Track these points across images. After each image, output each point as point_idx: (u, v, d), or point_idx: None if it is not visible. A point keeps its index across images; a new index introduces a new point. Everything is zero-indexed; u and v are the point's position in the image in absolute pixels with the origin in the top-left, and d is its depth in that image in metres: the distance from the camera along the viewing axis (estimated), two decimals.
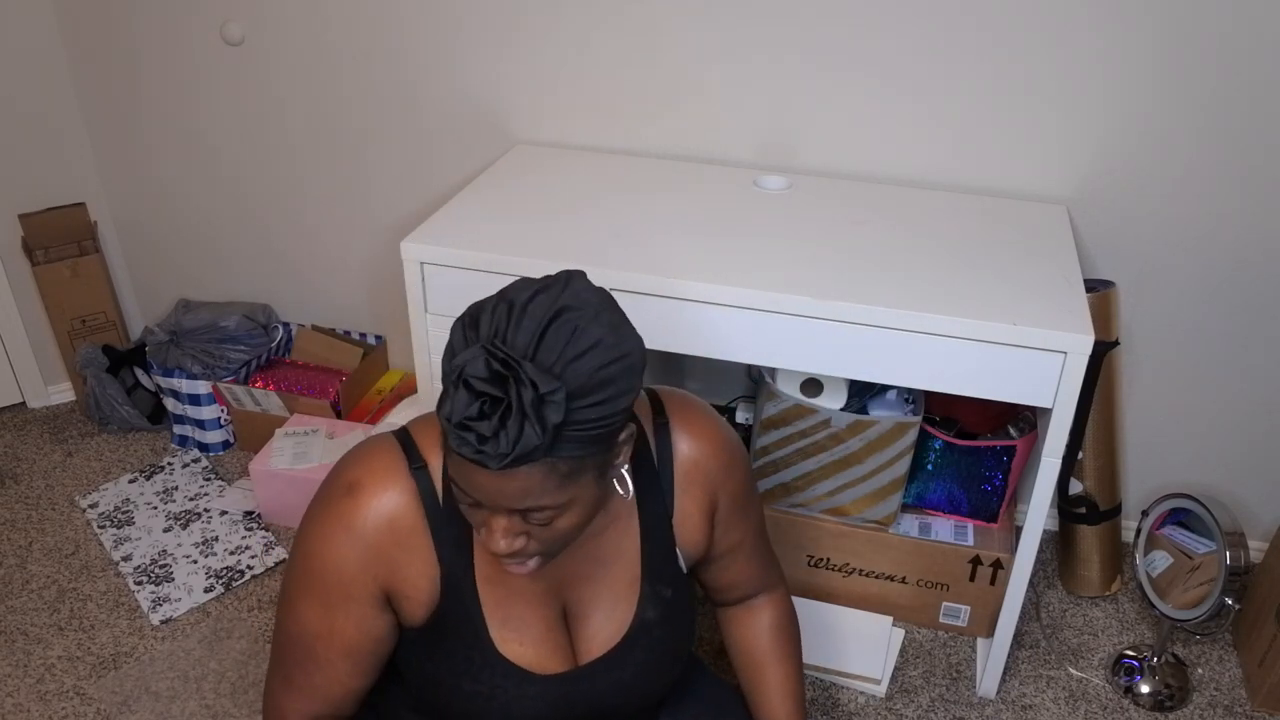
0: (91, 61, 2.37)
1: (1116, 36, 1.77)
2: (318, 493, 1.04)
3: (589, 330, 0.85)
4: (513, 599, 1.05)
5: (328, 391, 2.39)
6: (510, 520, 0.91)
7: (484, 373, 0.82)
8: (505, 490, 0.86)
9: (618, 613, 1.09)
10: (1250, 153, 1.80)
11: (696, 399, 1.16)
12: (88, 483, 2.37)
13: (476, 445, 0.82)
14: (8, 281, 2.48)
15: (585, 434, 0.85)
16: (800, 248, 1.70)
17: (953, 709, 1.83)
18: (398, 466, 1.01)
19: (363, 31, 2.15)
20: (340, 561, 1.00)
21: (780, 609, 1.30)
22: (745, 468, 1.17)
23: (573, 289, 0.87)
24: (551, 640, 1.07)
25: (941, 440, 1.88)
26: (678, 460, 1.10)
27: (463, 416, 0.82)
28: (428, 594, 1.03)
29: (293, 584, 1.04)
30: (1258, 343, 1.96)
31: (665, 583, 1.11)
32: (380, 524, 0.99)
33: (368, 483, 1.00)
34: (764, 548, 1.25)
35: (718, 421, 1.15)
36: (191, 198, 2.51)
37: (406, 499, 1.00)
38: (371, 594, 1.02)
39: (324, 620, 1.02)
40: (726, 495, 1.14)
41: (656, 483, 1.10)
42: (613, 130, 2.12)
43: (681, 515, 1.11)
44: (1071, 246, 1.74)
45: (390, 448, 1.02)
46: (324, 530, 1.00)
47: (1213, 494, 2.12)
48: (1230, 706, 1.85)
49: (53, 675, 1.87)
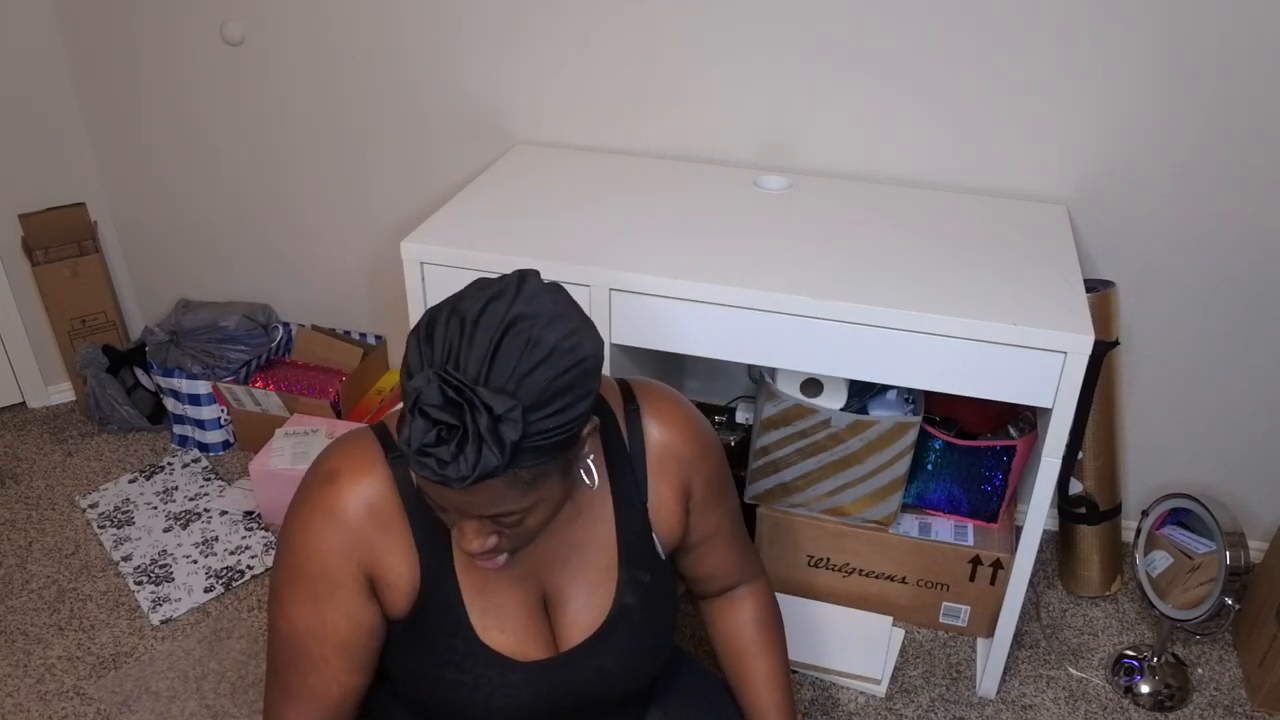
0: (91, 61, 2.37)
1: (1116, 36, 1.77)
2: (299, 487, 1.06)
3: (543, 339, 0.85)
4: (492, 587, 1.06)
5: (328, 391, 2.39)
6: (480, 523, 0.93)
7: (438, 400, 0.83)
8: (472, 502, 0.88)
9: (596, 599, 1.10)
10: (1250, 152, 1.80)
11: (667, 387, 1.17)
12: (88, 483, 2.37)
13: (437, 469, 0.83)
14: (8, 281, 2.48)
15: (545, 443, 0.86)
16: (800, 248, 1.70)
17: (953, 709, 1.83)
18: (375, 455, 1.03)
19: (363, 31, 2.15)
20: (324, 549, 1.01)
21: (762, 600, 1.31)
22: (718, 453, 1.18)
23: (525, 294, 0.87)
24: (533, 627, 1.08)
25: (941, 440, 1.88)
26: (649, 446, 1.12)
27: (420, 444, 0.83)
28: (408, 581, 1.04)
29: (280, 584, 1.05)
30: (1258, 342, 1.96)
31: (643, 568, 1.12)
32: (359, 510, 1.01)
33: (346, 470, 1.02)
34: (741, 536, 1.26)
35: (688, 408, 1.16)
36: (191, 198, 2.51)
37: (385, 485, 1.02)
38: (357, 580, 1.03)
39: (314, 615, 1.03)
40: (700, 479, 1.16)
41: (629, 469, 1.11)
42: (613, 130, 2.12)
43: (657, 501, 1.13)
44: (1071, 246, 1.74)
45: (367, 438, 1.04)
46: (305, 521, 1.02)
47: (1213, 494, 2.12)
48: (1230, 706, 1.85)
49: (53, 675, 1.87)
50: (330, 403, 2.33)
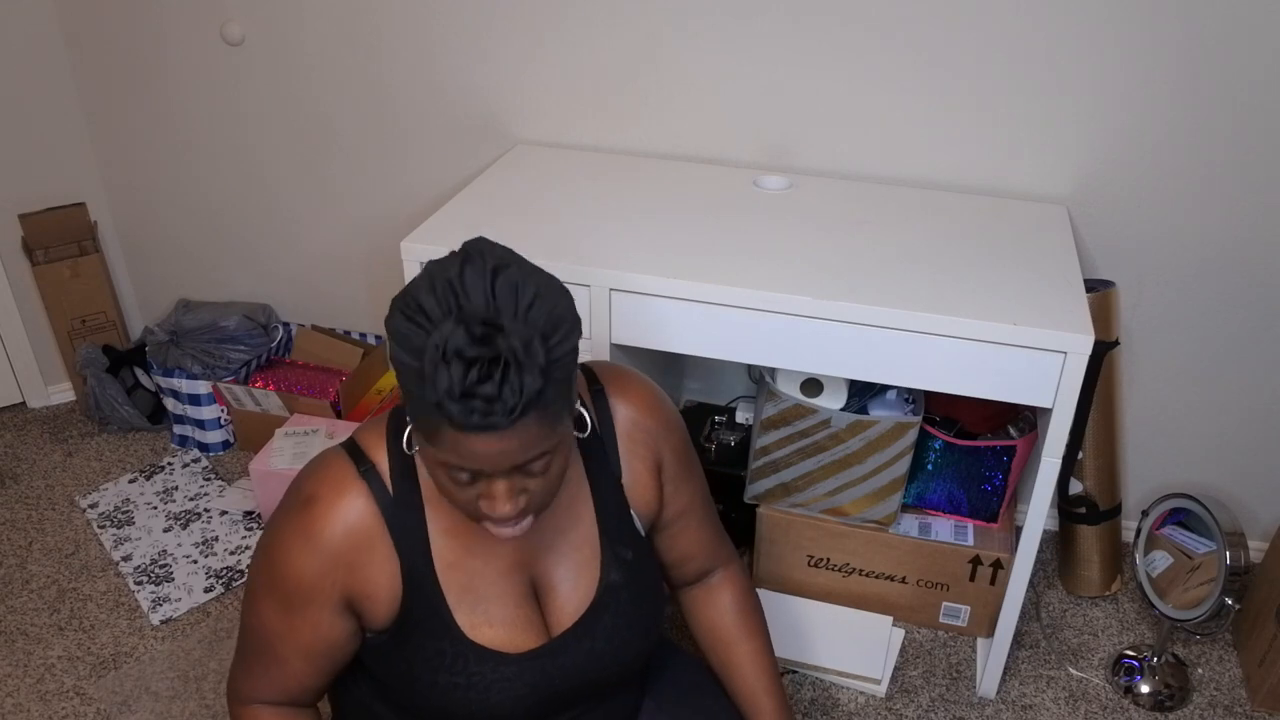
0: (92, 62, 2.37)
1: (1116, 37, 1.77)
2: (276, 509, 1.07)
3: (527, 280, 0.89)
4: (476, 580, 1.07)
5: (328, 391, 2.39)
6: (510, 481, 0.93)
7: (467, 339, 0.84)
8: (508, 449, 0.88)
9: (583, 579, 1.11)
10: (1250, 152, 1.80)
11: (628, 368, 1.20)
12: (88, 483, 2.37)
13: (484, 410, 0.84)
14: (8, 281, 2.48)
15: (563, 372, 0.89)
16: (800, 248, 1.70)
17: (953, 709, 1.83)
18: (348, 472, 1.04)
19: (364, 31, 2.15)
20: (301, 569, 1.03)
21: (739, 585, 1.32)
22: (682, 428, 1.21)
23: (492, 253, 0.90)
24: (521, 617, 1.08)
25: (941, 440, 1.88)
26: (618, 423, 1.14)
27: (463, 387, 0.84)
28: (390, 590, 1.05)
29: (255, 583, 1.07)
30: (1258, 342, 1.96)
31: (624, 544, 1.14)
32: (338, 532, 1.02)
33: (323, 494, 1.03)
34: (713, 516, 1.29)
35: (651, 385, 1.20)
36: (191, 198, 2.51)
37: (361, 501, 1.03)
38: (332, 600, 1.04)
39: (283, 620, 1.05)
40: (670, 451, 1.18)
41: (601, 448, 1.13)
42: (613, 130, 2.12)
43: (631, 477, 1.15)
44: (1071, 246, 1.74)
45: (339, 457, 1.06)
46: (284, 542, 1.03)
47: (1213, 494, 2.12)
48: (1230, 706, 1.85)
49: (53, 675, 1.87)
50: (330, 403, 2.33)
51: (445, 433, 0.87)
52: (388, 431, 1.06)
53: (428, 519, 1.05)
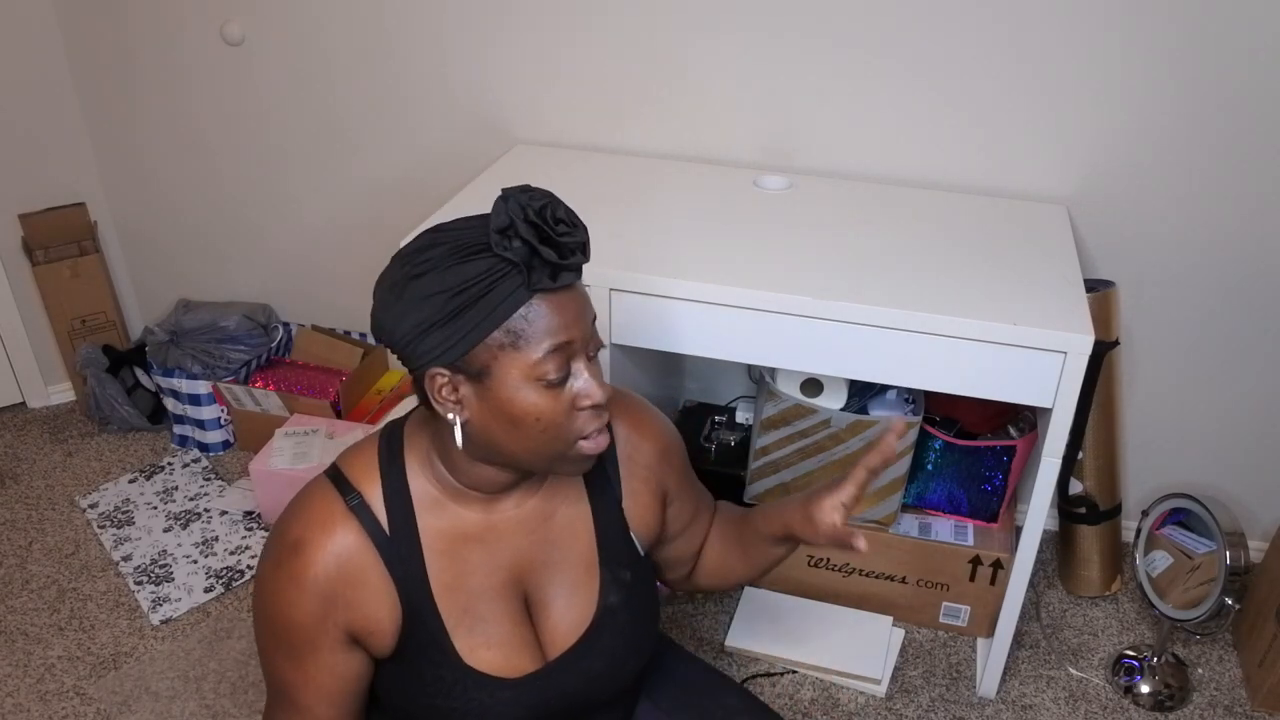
0: (92, 62, 2.37)
1: (1117, 37, 1.77)
2: (265, 552, 1.05)
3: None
4: (473, 600, 1.06)
5: (328, 391, 2.39)
6: (590, 363, 0.98)
7: (528, 196, 0.91)
8: (584, 305, 0.96)
9: (579, 600, 1.10)
10: (1251, 152, 1.80)
11: (625, 389, 1.20)
12: (88, 483, 2.37)
13: (571, 246, 0.91)
14: (8, 281, 2.48)
15: None
16: (800, 248, 1.70)
17: (953, 709, 1.83)
18: (335, 509, 1.02)
19: (363, 32, 2.15)
20: (298, 616, 1.01)
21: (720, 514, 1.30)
22: (682, 448, 1.22)
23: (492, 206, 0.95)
24: (518, 638, 1.08)
25: (941, 440, 1.88)
26: (619, 446, 1.14)
27: (554, 230, 0.90)
28: (390, 621, 1.04)
29: (261, 637, 1.06)
30: (1258, 342, 1.96)
31: (624, 565, 1.13)
32: (330, 573, 1.01)
33: (310, 536, 1.01)
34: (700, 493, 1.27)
35: (651, 408, 1.20)
36: (191, 198, 2.51)
37: (351, 538, 1.01)
38: (336, 639, 1.03)
39: (297, 671, 1.04)
40: (673, 472, 1.18)
41: (602, 469, 1.13)
42: (613, 130, 2.12)
43: (632, 499, 1.14)
44: (1071, 246, 1.74)
45: (324, 492, 1.03)
46: (277, 589, 1.02)
47: (1213, 494, 2.11)
48: (1230, 706, 1.85)
49: (53, 675, 1.87)
50: (330, 403, 2.33)
51: (534, 311, 0.91)
52: (379, 454, 1.05)
53: (423, 543, 1.04)
